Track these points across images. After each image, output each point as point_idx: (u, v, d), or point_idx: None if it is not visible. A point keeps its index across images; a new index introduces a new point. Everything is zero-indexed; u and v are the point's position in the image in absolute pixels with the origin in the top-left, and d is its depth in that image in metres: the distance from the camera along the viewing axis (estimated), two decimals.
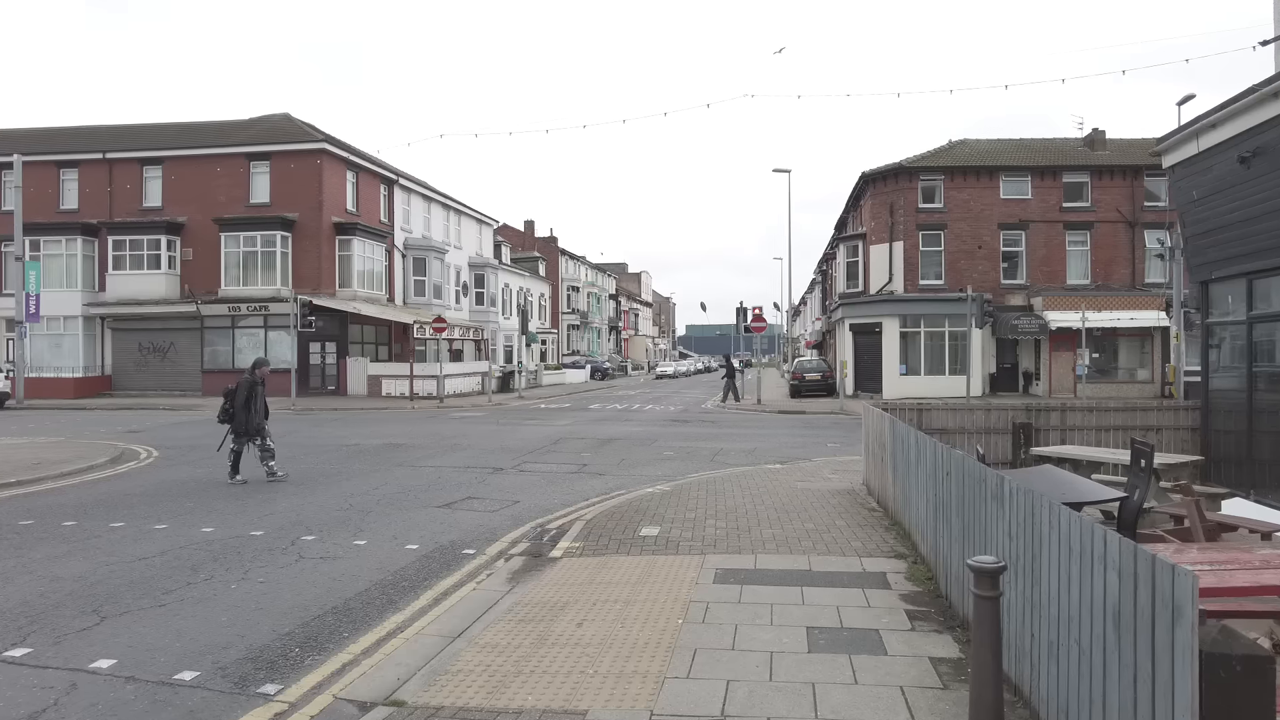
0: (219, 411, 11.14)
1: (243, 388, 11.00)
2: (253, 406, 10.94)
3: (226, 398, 11.07)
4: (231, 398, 11.01)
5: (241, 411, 10.89)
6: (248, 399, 10.91)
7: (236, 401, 10.91)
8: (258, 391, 11.07)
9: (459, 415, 24.14)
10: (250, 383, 11.08)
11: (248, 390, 10.97)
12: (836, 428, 19.88)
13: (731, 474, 11.51)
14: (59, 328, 33.53)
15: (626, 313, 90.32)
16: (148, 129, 36.52)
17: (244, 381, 11.08)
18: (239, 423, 10.95)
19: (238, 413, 10.90)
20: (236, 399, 10.94)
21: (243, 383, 11.06)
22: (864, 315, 32.18)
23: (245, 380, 11.10)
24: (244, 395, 10.92)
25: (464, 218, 45.94)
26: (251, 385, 11.06)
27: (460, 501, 9.64)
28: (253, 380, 11.12)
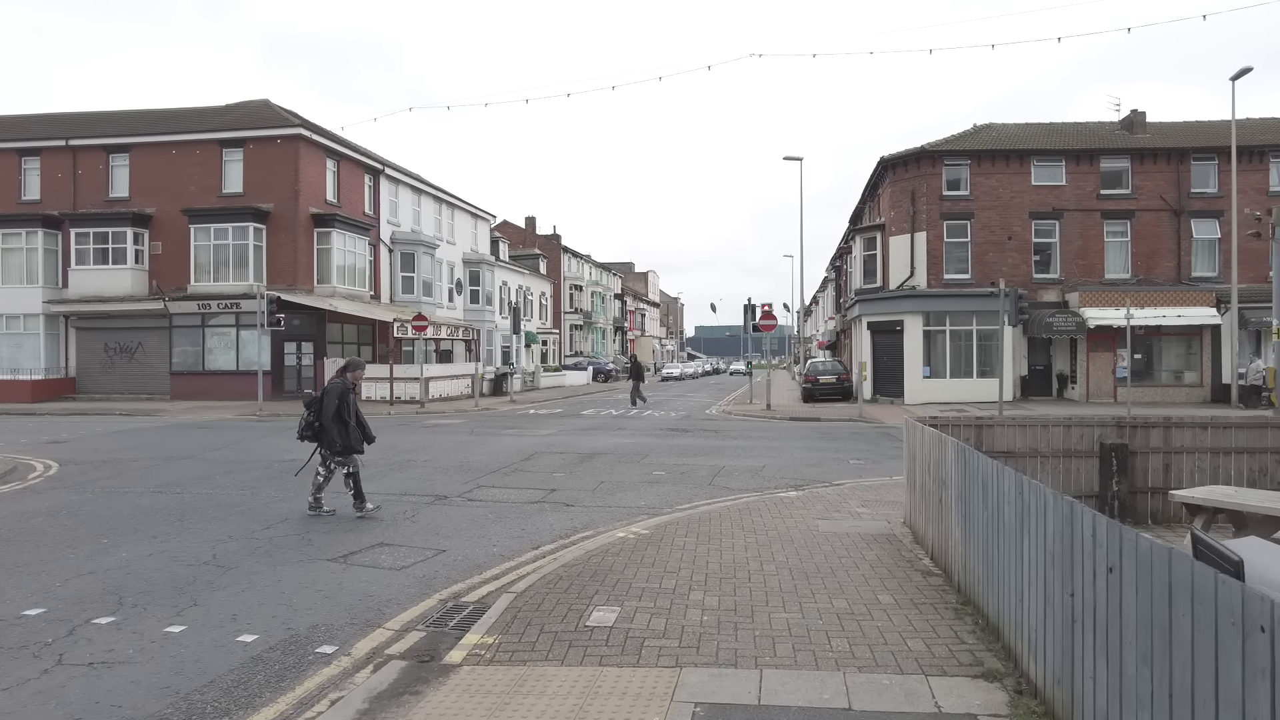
0: (300, 425, 8.89)
1: (332, 395, 8.72)
2: (345, 418, 8.69)
3: (310, 407, 8.83)
4: (317, 408, 8.78)
5: (333, 425, 8.62)
6: (338, 409, 8.66)
7: (325, 413, 8.67)
8: (350, 400, 8.82)
9: (434, 422, 21.74)
10: (342, 389, 8.81)
11: (339, 398, 8.69)
12: (857, 439, 17.35)
13: (733, 507, 9.02)
14: (19, 326, 31.36)
15: (632, 313, 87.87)
16: (116, 115, 34.34)
17: (333, 387, 8.80)
18: (330, 438, 8.67)
19: (327, 426, 8.64)
20: (324, 409, 8.70)
21: (332, 388, 8.79)
22: (883, 313, 29.61)
23: (335, 385, 8.83)
24: (334, 405, 8.66)
25: (458, 212, 43.62)
26: (344, 392, 8.79)
27: (364, 551, 7.20)
28: (345, 386, 8.87)
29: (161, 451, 14.90)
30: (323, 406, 8.70)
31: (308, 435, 8.82)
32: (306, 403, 8.89)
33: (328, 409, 8.65)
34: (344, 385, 8.89)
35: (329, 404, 8.67)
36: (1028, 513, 3.99)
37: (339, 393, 8.76)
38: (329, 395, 8.73)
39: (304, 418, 8.79)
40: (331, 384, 8.89)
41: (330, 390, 8.78)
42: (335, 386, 8.82)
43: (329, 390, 8.78)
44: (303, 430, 8.82)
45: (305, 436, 8.85)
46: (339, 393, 8.76)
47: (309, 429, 8.79)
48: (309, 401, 8.88)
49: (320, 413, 8.70)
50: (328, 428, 8.65)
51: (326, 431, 8.67)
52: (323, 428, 8.69)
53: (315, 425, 8.73)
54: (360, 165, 34.24)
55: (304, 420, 8.80)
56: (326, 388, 8.85)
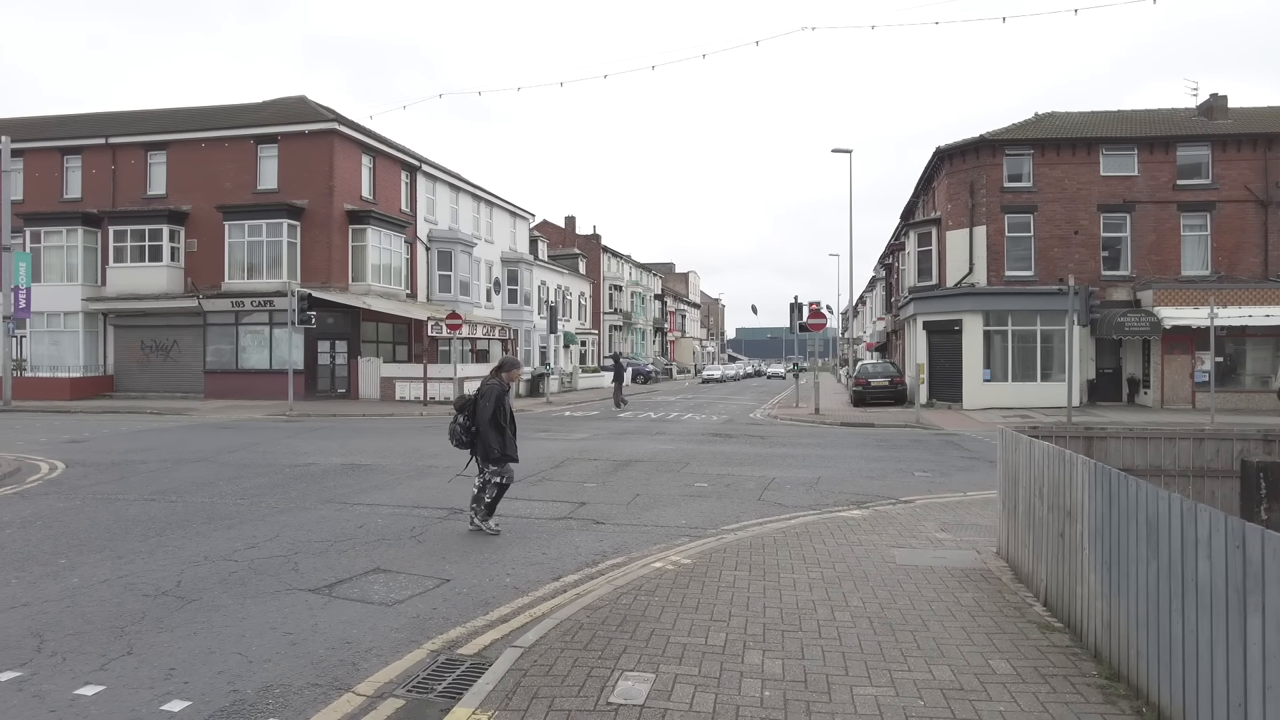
0: (455, 431, 7.87)
1: (488, 397, 7.74)
2: (501, 423, 7.74)
3: (462, 410, 7.87)
4: (470, 411, 7.83)
5: (489, 430, 7.65)
6: (494, 413, 7.70)
7: (480, 417, 7.71)
8: (506, 404, 7.89)
9: None
10: (499, 391, 7.85)
11: (495, 401, 7.73)
12: (918, 447, 15.89)
13: (789, 529, 7.75)
14: (59, 324, 31.30)
15: (673, 314, 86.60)
16: (155, 114, 34.19)
17: (489, 389, 7.83)
18: (486, 445, 7.70)
19: (483, 432, 7.67)
20: (479, 413, 7.72)
21: (487, 390, 7.82)
22: (940, 312, 27.94)
23: (491, 387, 7.86)
24: (490, 408, 7.67)
25: (496, 210, 42.85)
26: (500, 395, 7.84)
27: (355, 579, 6.10)
28: (501, 388, 7.90)
29: (175, 453, 14.12)
30: (477, 410, 7.74)
31: (464, 440, 7.85)
32: (458, 405, 7.94)
33: (483, 413, 7.67)
34: (500, 387, 7.89)
35: (484, 407, 7.68)
36: (1256, 578, 2.70)
37: (495, 395, 7.77)
38: (484, 398, 7.75)
39: (457, 421, 7.85)
40: (486, 386, 7.88)
41: (485, 392, 7.79)
42: (491, 388, 7.83)
43: (484, 393, 7.80)
44: (459, 436, 7.84)
45: (463, 441, 7.87)
46: (495, 395, 7.77)
47: (466, 434, 7.82)
48: (461, 404, 7.93)
49: (475, 416, 7.75)
50: (483, 433, 7.67)
51: (482, 437, 7.68)
52: (478, 433, 7.72)
53: (472, 430, 7.76)
54: (396, 161, 33.58)
55: (458, 425, 7.83)
56: (481, 390, 7.86)
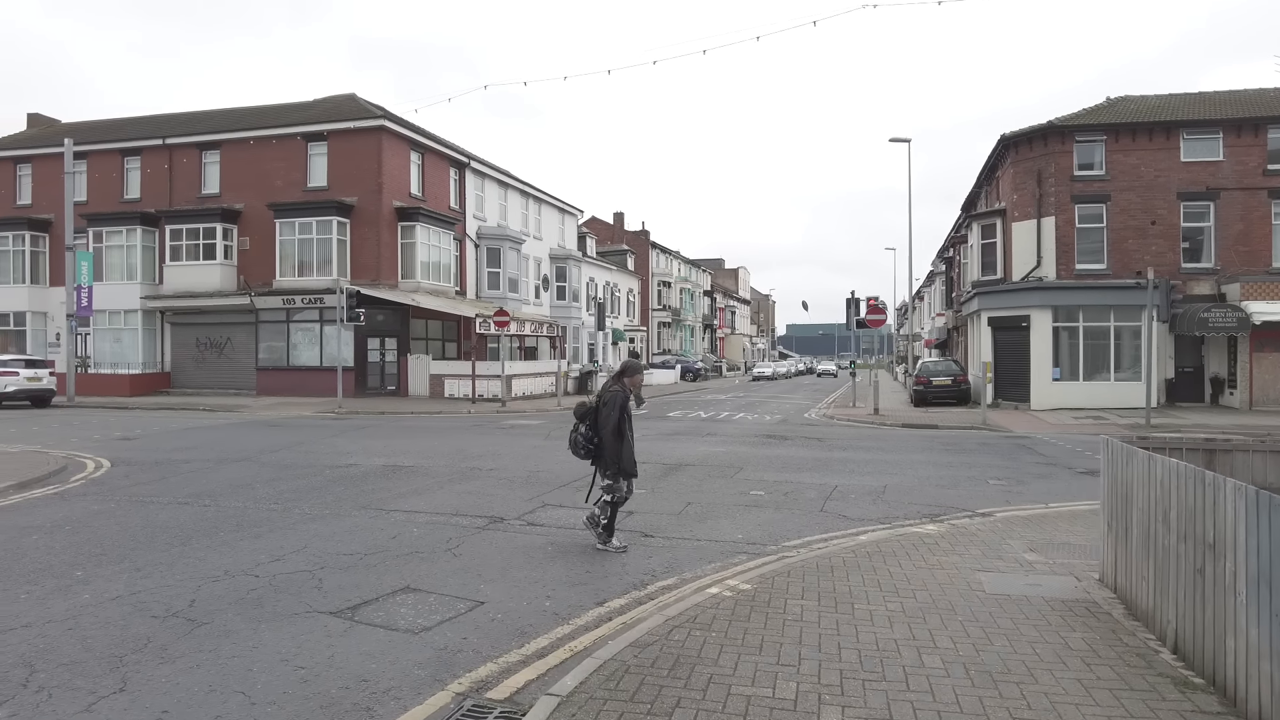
0: (577, 441, 7.19)
1: (612, 405, 7.07)
2: (624, 433, 7.10)
3: (584, 419, 7.20)
4: (592, 420, 7.17)
5: (613, 440, 7.02)
6: (619, 423, 7.05)
7: (603, 426, 7.05)
8: (630, 412, 7.31)
9: (511, 423, 20.37)
10: (623, 399, 7.18)
11: (620, 410, 7.08)
12: (988, 452, 14.90)
13: (858, 547, 7.02)
14: (119, 322, 31.92)
15: (722, 310, 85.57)
16: (209, 114, 34.67)
17: (612, 397, 7.14)
18: (609, 457, 7.05)
19: (606, 443, 7.04)
20: (603, 422, 7.06)
21: (611, 398, 7.13)
22: (1005, 307, 26.62)
23: (615, 395, 7.16)
24: (614, 417, 7.02)
25: (545, 206, 42.55)
26: (624, 403, 7.19)
27: (382, 600, 5.58)
28: (625, 395, 7.24)
29: (219, 452, 13.93)
30: (599, 419, 7.09)
31: (585, 451, 7.21)
32: (580, 414, 7.24)
33: (606, 422, 7.02)
34: (624, 394, 7.22)
35: (608, 416, 7.03)
36: None
37: (620, 403, 7.11)
38: (608, 406, 7.08)
39: (579, 431, 7.19)
40: (609, 393, 7.18)
41: (610, 400, 7.10)
42: (615, 396, 7.13)
43: (608, 400, 7.11)
44: (581, 446, 7.18)
45: (585, 453, 7.22)
46: (620, 403, 7.11)
47: (589, 444, 7.15)
48: (582, 413, 7.23)
49: (597, 426, 7.12)
50: (606, 444, 7.03)
51: (605, 449, 7.05)
52: (601, 444, 7.09)
53: (595, 441, 7.11)
54: (445, 158, 33.45)
55: (580, 435, 7.16)
56: (604, 398, 7.17)
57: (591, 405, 7.24)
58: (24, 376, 25.31)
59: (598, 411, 7.13)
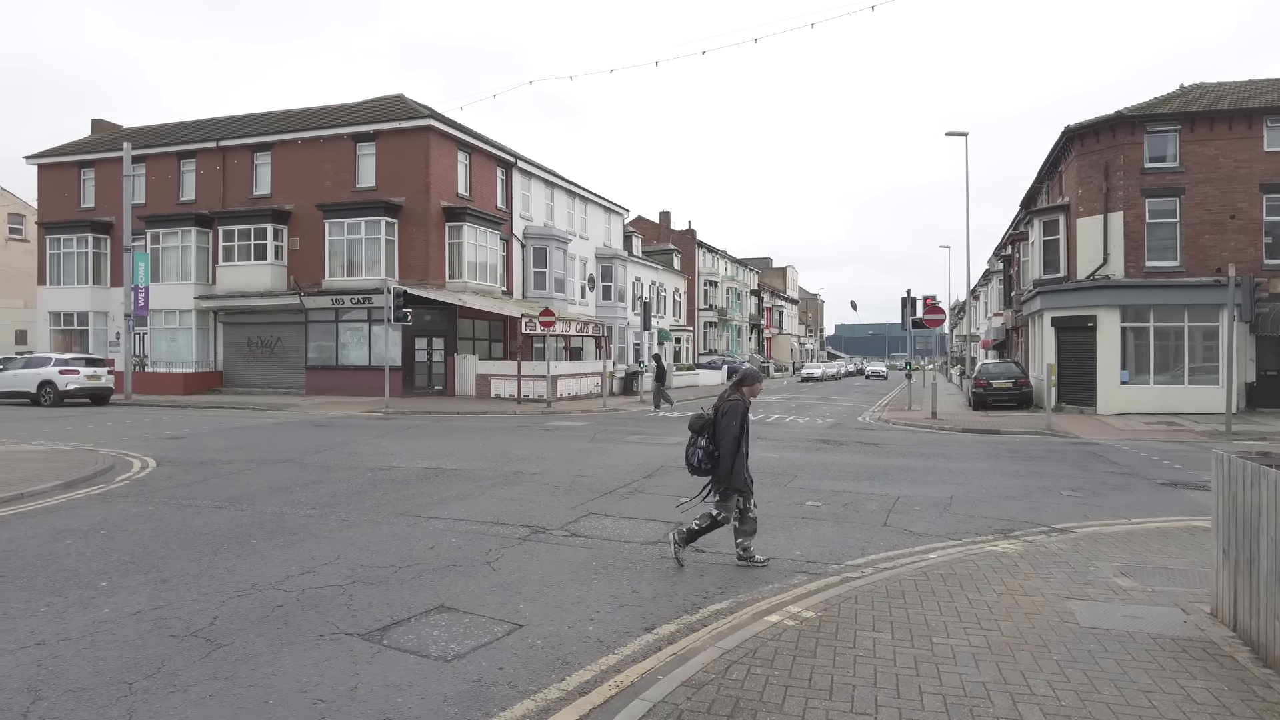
0: (696, 457, 6.63)
1: (732, 416, 6.56)
2: (744, 446, 6.60)
3: (701, 431, 6.65)
4: (710, 431, 6.63)
5: (729, 453, 6.47)
6: (740, 434, 6.55)
7: (724, 439, 6.51)
8: (749, 424, 6.80)
9: (556, 424, 20.04)
10: (743, 409, 6.68)
11: (740, 420, 6.58)
12: (1058, 460, 14.05)
13: (929, 569, 6.42)
14: (175, 321, 32.53)
15: (769, 310, 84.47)
16: (261, 117, 35.13)
17: (732, 406, 6.61)
18: (726, 470, 6.49)
19: (724, 455, 6.50)
20: (722, 434, 6.53)
21: (730, 408, 6.59)
22: (1070, 306, 25.45)
23: (735, 404, 6.63)
24: (734, 428, 6.51)
25: (591, 206, 42.29)
26: (744, 413, 6.69)
27: (414, 620, 5.19)
28: (745, 404, 6.74)
29: (263, 452, 13.83)
30: (718, 429, 6.55)
31: (707, 467, 6.63)
32: (697, 427, 6.66)
33: (727, 434, 6.48)
34: (744, 404, 6.71)
35: (727, 427, 6.49)
36: None
37: (740, 414, 6.60)
38: (728, 416, 6.55)
39: (697, 445, 6.62)
40: (728, 403, 6.63)
41: (728, 410, 6.57)
42: (734, 406, 6.61)
43: (727, 410, 6.58)
44: (700, 462, 6.62)
45: (705, 469, 6.64)
46: (740, 414, 6.60)
47: (709, 459, 6.59)
48: (700, 425, 6.66)
49: (716, 437, 6.56)
50: (724, 455, 6.49)
51: (723, 459, 6.51)
52: (720, 457, 6.54)
53: (715, 455, 6.57)
54: (492, 158, 33.37)
55: (700, 450, 6.60)
56: (723, 407, 6.62)
57: (708, 417, 6.66)
58: (84, 375, 25.85)
59: (716, 423, 6.58)
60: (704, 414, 6.74)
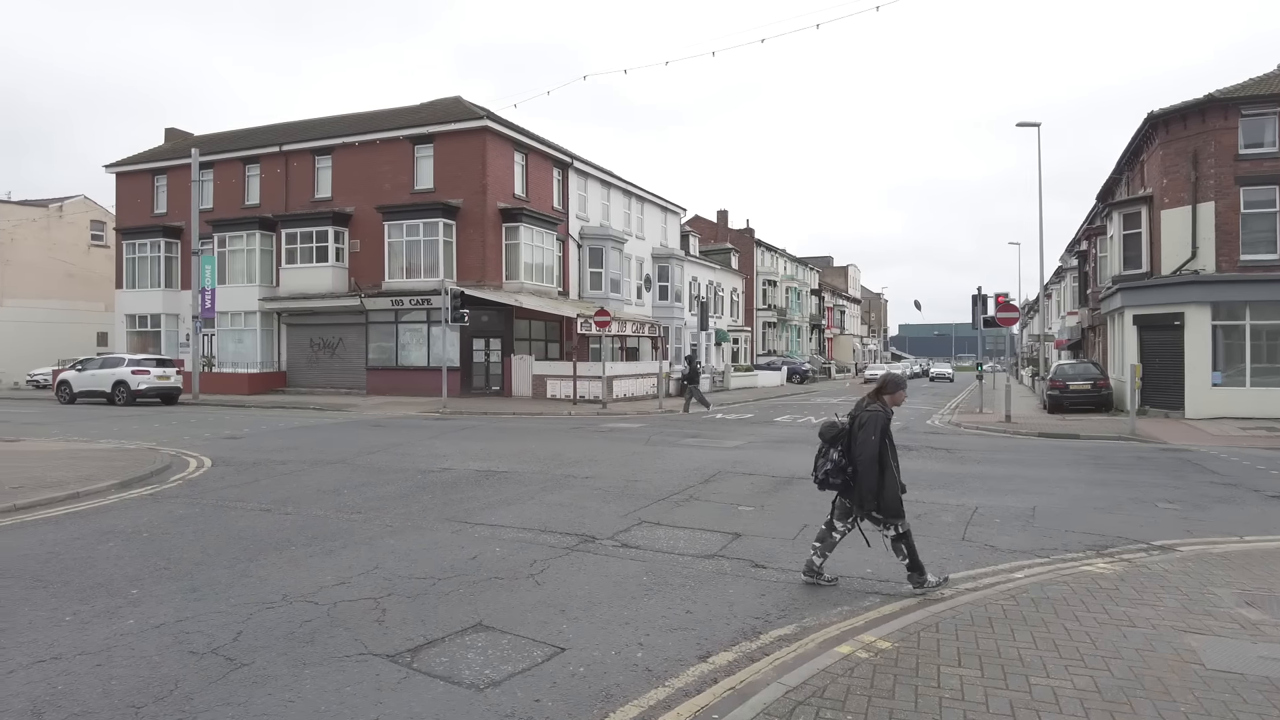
0: (827, 470, 5.92)
1: (872, 427, 5.75)
2: (887, 460, 5.77)
3: (834, 442, 5.93)
4: (845, 443, 5.89)
5: (871, 470, 5.70)
6: (882, 448, 5.75)
7: (861, 453, 5.73)
8: (891, 436, 5.97)
9: (611, 425, 19.65)
10: (884, 420, 5.85)
11: (881, 432, 5.77)
12: (1148, 468, 13.02)
13: (1017, 591, 5.75)
14: (240, 323, 33.28)
15: (831, 309, 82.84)
16: (322, 121, 35.74)
17: (872, 417, 5.80)
18: (866, 488, 5.74)
19: (864, 473, 5.71)
20: (860, 448, 5.75)
21: (869, 419, 5.79)
22: (1154, 304, 23.95)
23: (874, 415, 5.82)
24: (875, 441, 5.72)
25: (647, 205, 41.89)
26: (886, 424, 5.86)
27: (448, 640, 4.79)
28: (886, 415, 5.91)
29: (317, 453, 13.76)
30: (855, 441, 5.81)
31: (835, 483, 5.90)
32: (830, 436, 5.93)
33: (864, 449, 5.71)
34: (885, 414, 5.88)
35: (865, 442, 5.73)
36: None
37: (880, 426, 5.78)
38: (866, 428, 5.75)
39: (828, 458, 5.90)
40: (867, 413, 5.84)
41: (867, 421, 5.78)
42: (874, 418, 5.79)
43: (865, 421, 5.78)
44: (828, 475, 5.90)
45: (832, 484, 5.92)
46: (880, 426, 5.78)
47: (839, 474, 5.86)
48: (834, 435, 5.92)
49: (852, 450, 5.82)
50: (863, 475, 5.72)
51: (861, 479, 5.73)
52: (856, 474, 5.79)
53: (849, 470, 5.83)
54: (548, 158, 33.24)
55: (830, 463, 5.89)
56: (860, 417, 5.84)
57: (842, 426, 5.93)
58: (154, 375, 26.56)
59: (852, 435, 5.84)
60: (838, 422, 6.00)
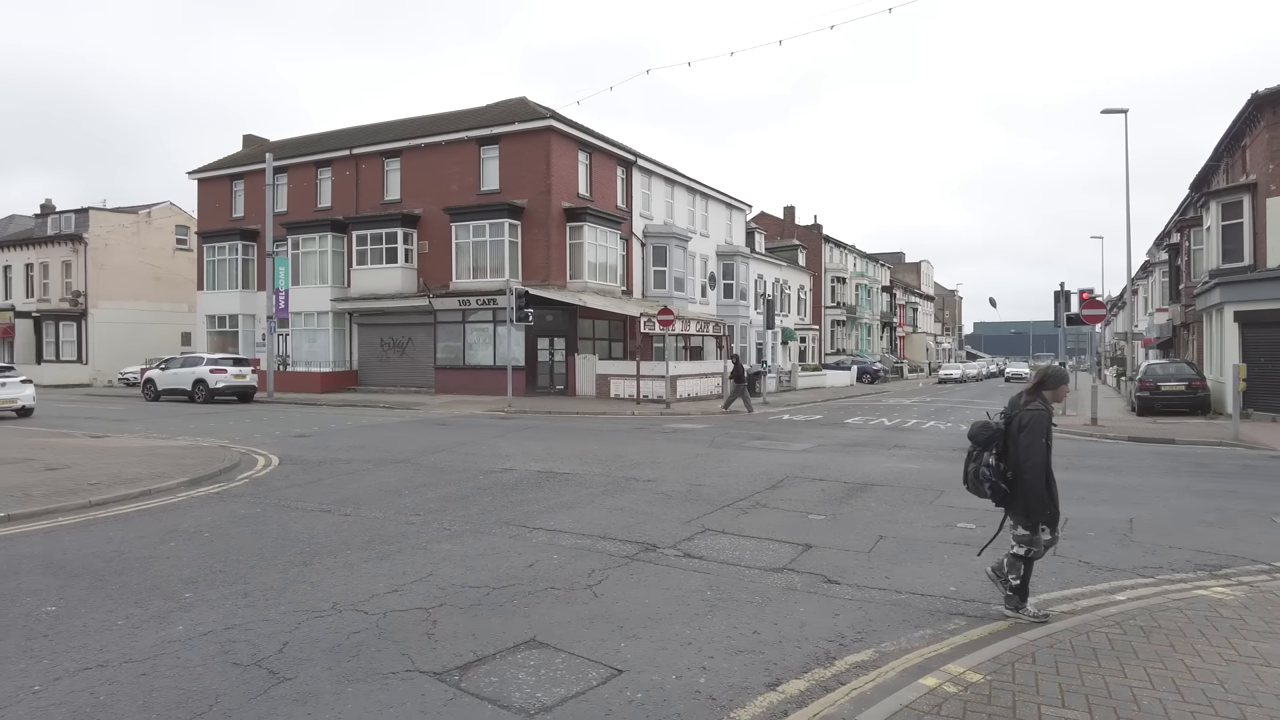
0: (981, 475, 5.14)
1: (1034, 430, 4.98)
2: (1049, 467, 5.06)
3: (988, 445, 5.14)
4: (1002, 448, 5.11)
5: (1035, 477, 4.94)
6: (1048, 456, 5.05)
7: (1025, 458, 4.95)
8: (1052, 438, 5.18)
9: (674, 426, 19.30)
10: (1046, 421, 5.07)
11: (1044, 435, 5.02)
12: (1256, 476, 12.01)
13: (1122, 616, 5.17)
14: (313, 323, 34.10)
15: (902, 307, 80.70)
16: (392, 124, 36.35)
17: (1035, 417, 5.01)
18: (1035, 499, 4.98)
19: (1028, 481, 4.96)
20: (1025, 451, 4.96)
21: (1032, 419, 5.00)
22: (1258, 299, 22.35)
23: (1036, 414, 5.03)
24: (1039, 446, 4.97)
25: (712, 203, 41.38)
26: (1049, 425, 5.12)
27: (500, 656, 4.52)
28: (1048, 415, 5.11)
29: (381, 452, 13.81)
30: (1016, 447, 4.99)
31: (992, 492, 5.12)
32: (983, 438, 5.14)
33: (1027, 453, 4.93)
34: (1047, 413, 5.09)
35: (1029, 445, 4.93)
36: None
37: (1044, 428, 5.01)
38: (1027, 431, 4.94)
39: (983, 463, 5.11)
40: (1028, 412, 5.02)
41: (1031, 424, 4.96)
42: (1036, 418, 4.99)
43: (1028, 422, 4.96)
44: (988, 482, 5.08)
45: (989, 493, 5.13)
46: (1044, 428, 5.01)
47: (1001, 480, 5.05)
48: (988, 436, 5.12)
49: (1010, 455, 5.03)
50: (1027, 482, 4.95)
51: (1030, 488, 4.95)
52: (1016, 481, 4.99)
53: (1008, 476, 5.04)
54: (612, 157, 33.08)
55: (987, 469, 5.08)
56: (1021, 418, 5.01)
57: (997, 427, 5.11)
58: (230, 374, 27.38)
59: (1010, 437, 5.05)
60: (992, 422, 5.16)
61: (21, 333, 44.77)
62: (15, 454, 13.07)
